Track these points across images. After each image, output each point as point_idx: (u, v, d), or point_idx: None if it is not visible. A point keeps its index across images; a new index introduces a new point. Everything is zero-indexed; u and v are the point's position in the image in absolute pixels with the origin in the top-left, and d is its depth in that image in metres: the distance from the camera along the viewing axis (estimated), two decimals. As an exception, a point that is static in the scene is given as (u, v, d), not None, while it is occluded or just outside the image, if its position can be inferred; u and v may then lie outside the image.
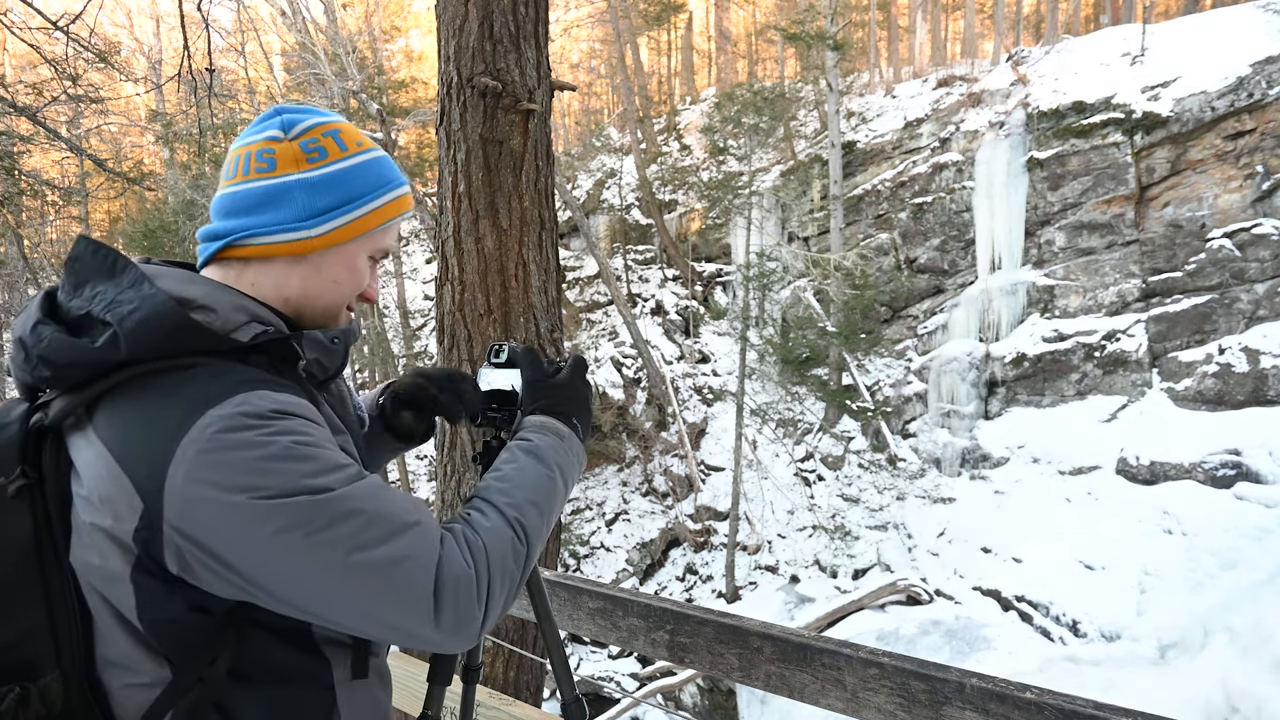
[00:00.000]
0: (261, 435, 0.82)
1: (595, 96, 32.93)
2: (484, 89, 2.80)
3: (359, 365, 19.03)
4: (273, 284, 0.99)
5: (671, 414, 16.73)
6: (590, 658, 12.78)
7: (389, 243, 1.08)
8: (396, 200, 1.06)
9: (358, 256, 1.04)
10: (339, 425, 1.03)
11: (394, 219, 1.06)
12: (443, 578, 0.85)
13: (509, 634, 2.90)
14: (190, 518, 0.79)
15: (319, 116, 1.03)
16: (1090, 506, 12.52)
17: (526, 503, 0.98)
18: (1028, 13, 26.53)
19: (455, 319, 2.93)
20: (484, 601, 0.88)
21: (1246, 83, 13.24)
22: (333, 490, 0.83)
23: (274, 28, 18.06)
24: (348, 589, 0.82)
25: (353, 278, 1.04)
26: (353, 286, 1.05)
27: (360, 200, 1.01)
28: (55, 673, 0.84)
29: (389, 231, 1.07)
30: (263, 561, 0.80)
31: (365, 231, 1.02)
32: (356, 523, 0.83)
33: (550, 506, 1.02)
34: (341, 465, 0.87)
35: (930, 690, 1.15)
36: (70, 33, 4.62)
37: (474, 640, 0.89)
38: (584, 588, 1.65)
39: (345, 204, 1.00)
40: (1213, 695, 8.71)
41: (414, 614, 0.84)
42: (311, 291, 1.01)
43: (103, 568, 0.84)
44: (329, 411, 1.03)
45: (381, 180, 1.04)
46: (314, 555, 0.81)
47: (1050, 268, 15.01)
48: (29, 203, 14.10)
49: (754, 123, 16.71)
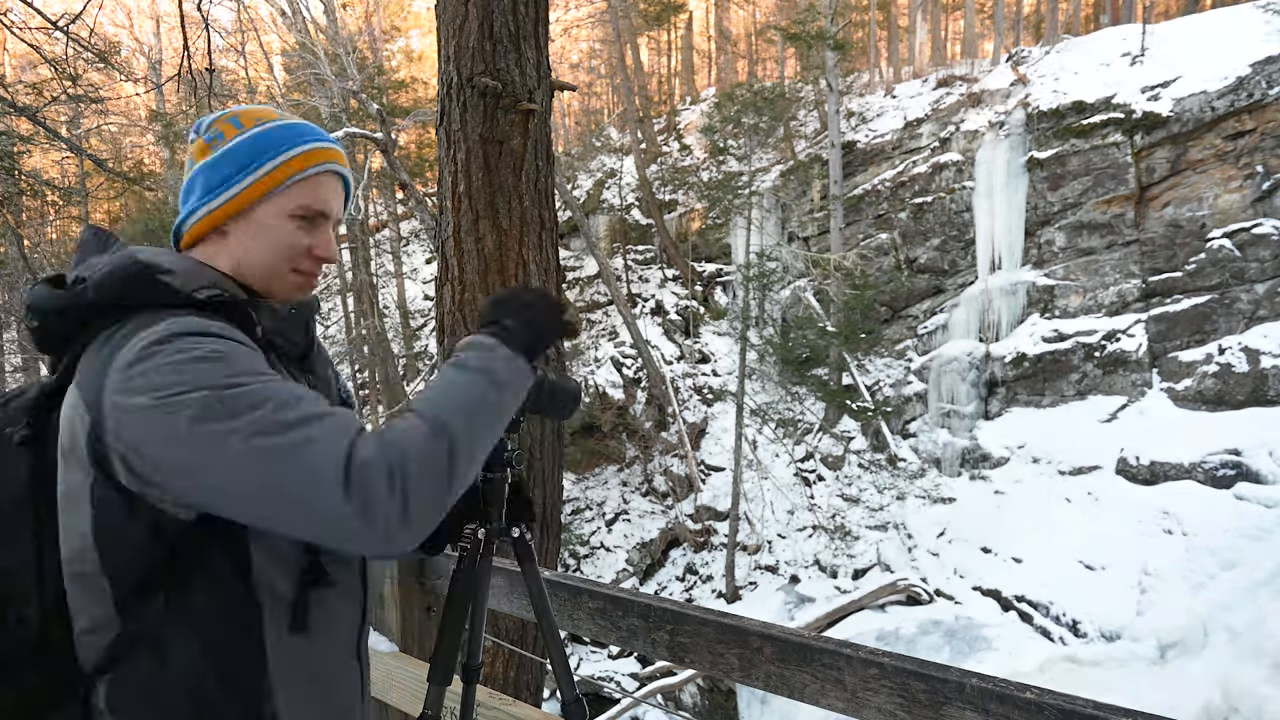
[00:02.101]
0: (184, 344, 0.90)
1: (595, 96, 32.92)
2: (484, 89, 2.80)
3: (359, 365, 19.02)
4: (216, 260, 1.09)
5: (671, 414, 16.73)
6: (590, 658, 12.79)
7: (311, 199, 1.11)
8: (301, 156, 1.10)
9: (273, 216, 1.09)
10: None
11: (299, 173, 1.09)
12: (354, 458, 0.85)
13: (509, 634, 2.90)
14: (121, 423, 0.87)
15: (228, 111, 1.13)
16: (1090, 506, 12.52)
17: (448, 407, 0.96)
18: (1028, 13, 26.53)
19: (455, 319, 2.93)
20: (400, 490, 0.85)
21: (1246, 83, 13.24)
22: (246, 385, 0.88)
23: (274, 28, 18.06)
24: (258, 469, 0.84)
25: (275, 237, 1.09)
26: (281, 247, 1.09)
27: (253, 165, 1.08)
28: (35, 607, 0.93)
29: (305, 187, 1.10)
30: (181, 454, 0.85)
31: (266, 191, 1.08)
32: (267, 409, 0.86)
33: (477, 410, 0.98)
34: (260, 371, 0.92)
35: (930, 690, 1.15)
36: (70, 33, 4.62)
37: (396, 537, 0.86)
38: (584, 588, 1.66)
39: (239, 172, 1.08)
40: (1213, 695, 8.71)
41: (322, 491, 0.84)
42: (245, 259, 1.09)
43: (68, 492, 0.92)
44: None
45: (277, 142, 1.10)
46: (227, 441, 0.84)
47: (1050, 268, 15.01)
48: (29, 203, 14.09)
49: (754, 123, 16.71)
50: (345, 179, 1.18)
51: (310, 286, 1.15)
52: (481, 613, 1.38)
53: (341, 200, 1.17)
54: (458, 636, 1.32)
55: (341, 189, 1.17)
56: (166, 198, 17.72)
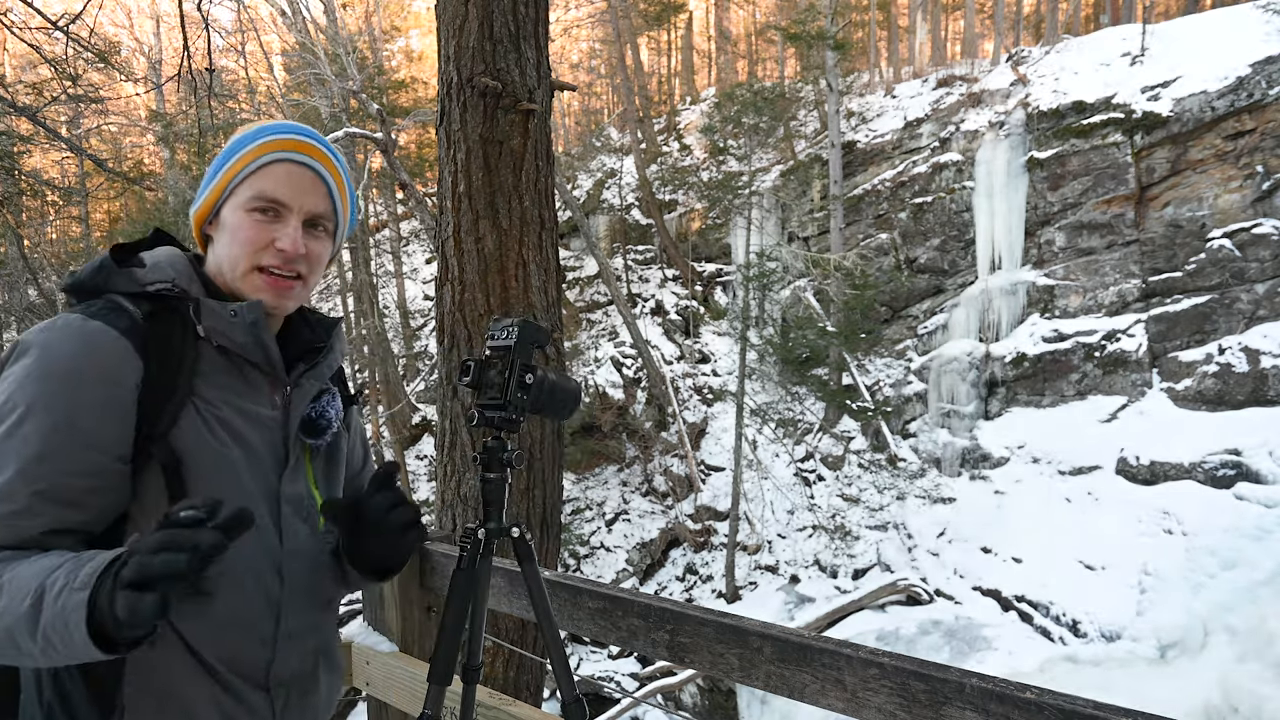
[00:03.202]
0: (32, 335, 1.00)
1: (595, 96, 32.93)
2: (484, 89, 2.80)
3: (359, 365, 19.02)
4: (209, 265, 1.17)
5: (671, 414, 16.73)
6: (590, 658, 12.78)
7: (263, 187, 1.12)
8: (254, 149, 1.13)
9: (233, 212, 1.13)
10: (252, 411, 1.11)
11: (250, 165, 1.12)
12: None
13: (509, 634, 2.90)
14: None
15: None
16: (1090, 506, 12.51)
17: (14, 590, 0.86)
18: (1028, 13, 26.53)
19: (455, 319, 2.93)
20: None
21: (1246, 83, 13.24)
22: (14, 409, 0.95)
23: (274, 28, 18.06)
24: None
25: (236, 234, 1.12)
26: (240, 241, 1.12)
27: (216, 168, 1.15)
28: None
29: (257, 177, 1.12)
30: None
31: (224, 189, 1.14)
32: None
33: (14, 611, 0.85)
34: (50, 405, 0.95)
35: (930, 690, 1.14)
36: (70, 33, 4.62)
37: None
38: (584, 588, 1.65)
39: (209, 178, 1.16)
40: (1213, 695, 8.71)
41: None
42: (221, 261, 1.14)
43: None
44: (248, 402, 1.11)
45: (238, 144, 1.14)
46: None
47: (1050, 268, 15.01)
48: (29, 203, 14.10)
49: (754, 123, 16.70)
50: (314, 169, 1.15)
51: (281, 290, 1.13)
52: (481, 613, 1.38)
53: (309, 191, 1.14)
54: (458, 636, 1.32)
55: (311, 179, 1.15)
56: (166, 198, 17.72)
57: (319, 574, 1.20)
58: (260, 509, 1.10)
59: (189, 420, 1.04)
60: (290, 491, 1.15)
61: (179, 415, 1.03)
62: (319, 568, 1.20)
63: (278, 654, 1.12)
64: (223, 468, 1.06)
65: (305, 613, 1.16)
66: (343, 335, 1.30)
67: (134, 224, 18.79)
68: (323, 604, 1.23)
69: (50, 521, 0.94)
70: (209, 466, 1.04)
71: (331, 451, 1.26)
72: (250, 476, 1.09)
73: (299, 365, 1.19)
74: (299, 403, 1.18)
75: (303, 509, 1.17)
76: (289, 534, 1.14)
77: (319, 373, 1.21)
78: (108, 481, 0.99)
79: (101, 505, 0.99)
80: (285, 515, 1.14)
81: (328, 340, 1.24)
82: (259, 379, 1.13)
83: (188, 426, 1.03)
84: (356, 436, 1.38)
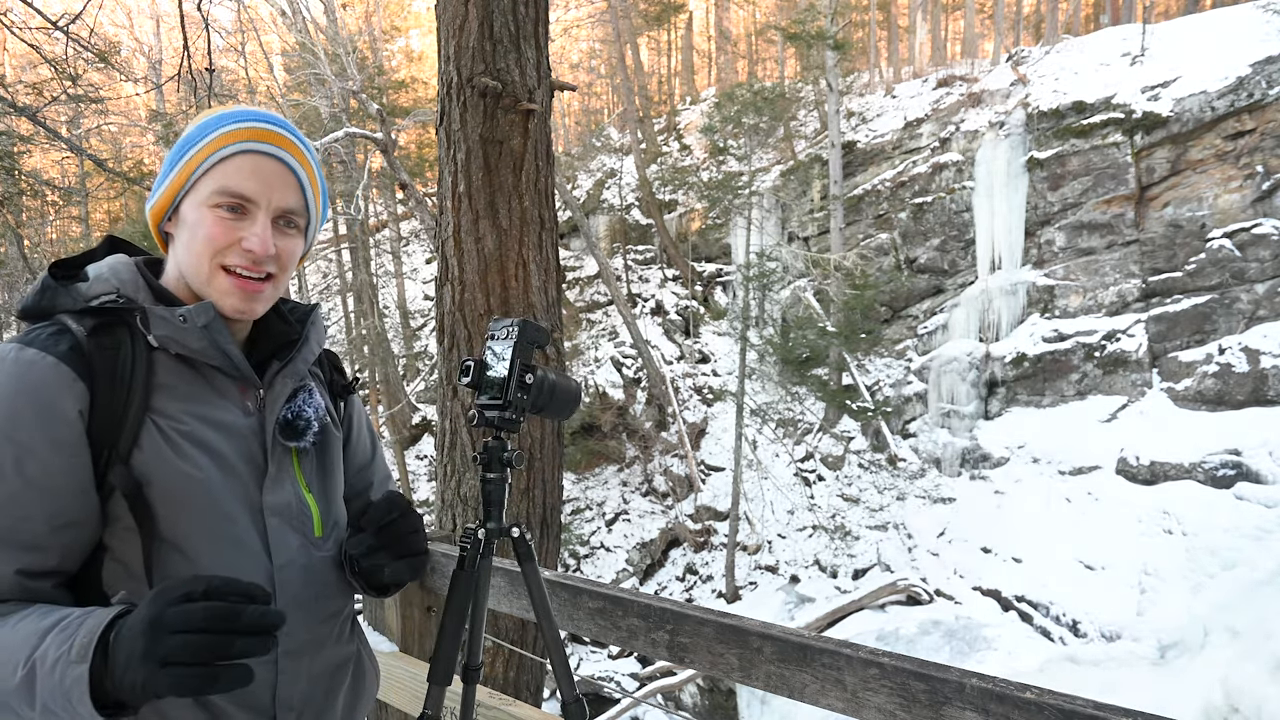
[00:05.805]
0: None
1: (595, 96, 32.93)
2: (484, 89, 2.80)
3: (359, 365, 19.02)
4: (170, 266, 1.09)
5: (671, 414, 16.73)
6: (590, 658, 12.79)
7: (226, 181, 1.03)
8: (215, 139, 1.03)
9: (193, 208, 1.04)
10: (224, 421, 1.04)
11: (211, 157, 1.03)
12: None
13: (509, 634, 2.90)
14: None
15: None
16: (1090, 506, 12.51)
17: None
18: (1028, 13, 26.53)
19: (455, 319, 2.93)
20: None
21: (1246, 83, 13.24)
22: None
23: (274, 28, 18.06)
24: None
25: (197, 232, 1.03)
26: (202, 240, 1.03)
27: (172, 161, 1.06)
28: None
29: (219, 170, 1.03)
30: None
31: (182, 184, 1.05)
32: None
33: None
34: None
35: (930, 690, 1.14)
36: (70, 33, 4.61)
37: None
38: (584, 588, 1.65)
39: (165, 172, 1.06)
40: (1213, 695, 8.71)
41: None
42: (182, 262, 1.06)
43: None
44: (216, 411, 1.04)
45: (196, 134, 1.05)
46: None
47: (1050, 268, 15.01)
48: (29, 203, 14.09)
49: (754, 123, 16.71)
50: (283, 160, 1.06)
51: (250, 293, 1.05)
52: (481, 613, 1.37)
53: (279, 185, 1.05)
54: (458, 636, 1.31)
55: (281, 171, 1.06)
56: (166, 198, 17.67)
57: (317, 585, 1.11)
58: (242, 523, 1.03)
59: (150, 439, 0.96)
60: (275, 501, 1.07)
61: (139, 435, 0.96)
62: (317, 578, 1.12)
63: (280, 675, 1.05)
64: (191, 487, 0.98)
65: (306, 628, 1.09)
66: (319, 321, 1.20)
67: (134, 224, 18.79)
68: (325, 616, 1.13)
69: (15, 564, 0.90)
70: (176, 487, 0.97)
71: (322, 449, 1.17)
72: (226, 491, 1.01)
73: (273, 364, 1.11)
74: (275, 405, 1.10)
75: (292, 517, 1.09)
76: (278, 547, 1.06)
77: (294, 369, 1.13)
78: (69, 519, 0.93)
79: (66, 544, 0.93)
80: (272, 528, 1.06)
81: (302, 331, 1.16)
82: (227, 384, 1.06)
83: (149, 446, 0.96)
84: (361, 426, 1.31)
